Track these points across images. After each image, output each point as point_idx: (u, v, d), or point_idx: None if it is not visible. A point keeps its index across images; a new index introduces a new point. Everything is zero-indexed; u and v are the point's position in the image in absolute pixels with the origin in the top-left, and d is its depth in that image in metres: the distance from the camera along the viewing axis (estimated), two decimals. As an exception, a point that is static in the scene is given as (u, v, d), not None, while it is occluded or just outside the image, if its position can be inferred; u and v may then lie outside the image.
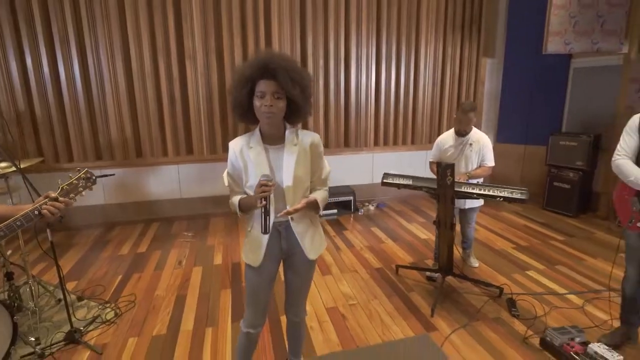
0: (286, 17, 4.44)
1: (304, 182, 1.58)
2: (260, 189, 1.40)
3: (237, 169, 1.58)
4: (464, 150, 2.97)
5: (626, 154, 2.06)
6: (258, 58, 1.44)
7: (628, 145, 2.07)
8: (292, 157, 1.54)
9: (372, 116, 5.06)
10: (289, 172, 1.53)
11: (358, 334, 2.46)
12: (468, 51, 5.14)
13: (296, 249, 1.64)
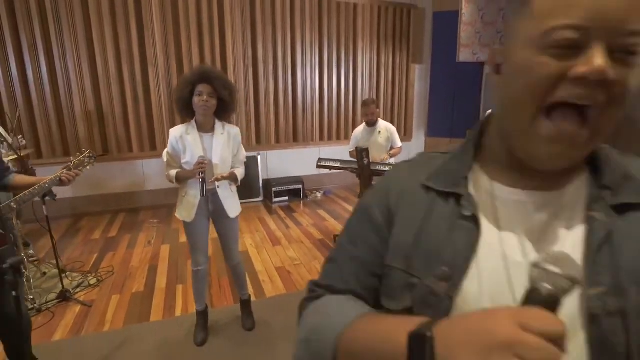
0: (238, 26, 5.10)
1: (228, 160, 2.32)
2: (198, 165, 2.13)
3: (176, 150, 2.27)
4: (376, 138, 3.78)
5: None
6: (200, 68, 2.21)
7: None
8: (220, 142, 2.27)
9: (317, 114, 5.83)
10: (217, 153, 2.26)
11: (300, 282, 3.20)
12: (399, 58, 6.06)
13: (221, 210, 2.33)
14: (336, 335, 0.51)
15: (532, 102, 0.47)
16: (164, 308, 2.83)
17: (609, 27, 0.42)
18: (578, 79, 0.43)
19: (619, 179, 0.52)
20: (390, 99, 6.22)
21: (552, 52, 0.44)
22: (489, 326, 0.37)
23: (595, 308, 0.46)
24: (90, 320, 2.66)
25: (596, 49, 0.42)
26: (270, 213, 5.13)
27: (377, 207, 0.61)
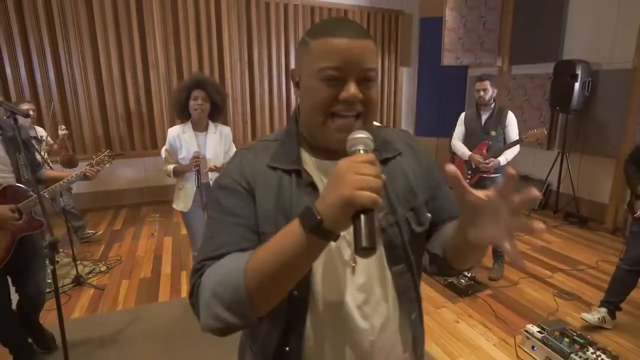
0: (234, 30, 5.40)
1: (220, 156, 2.65)
2: (193, 159, 2.47)
3: (174, 147, 2.59)
4: None
5: (457, 137, 3.30)
6: (195, 76, 2.60)
7: (457, 132, 3.31)
8: (213, 140, 2.62)
9: (311, 115, 6.14)
10: (210, 149, 2.61)
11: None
12: (388, 61, 6.39)
13: None
14: (242, 270, 0.61)
15: (320, 112, 0.71)
16: (170, 291, 3.11)
17: (355, 67, 0.68)
18: (343, 100, 0.69)
19: (381, 144, 0.80)
20: (381, 100, 6.54)
21: (325, 82, 0.69)
22: (336, 172, 0.58)
23: (382, 222, 0.75)
24: (104, 302, 2.94)
25: (350, 82, 0.68)
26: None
27: (239, 184, 0.75)
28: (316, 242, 0.57)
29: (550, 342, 2.22)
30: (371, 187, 0.54)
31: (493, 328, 2.58)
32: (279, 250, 0.60)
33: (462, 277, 3.06)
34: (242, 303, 0.61)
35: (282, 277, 0.61)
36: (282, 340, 0.75)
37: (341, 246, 0.75)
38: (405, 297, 0.80)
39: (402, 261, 0.78)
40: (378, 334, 0.77)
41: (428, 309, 2.80)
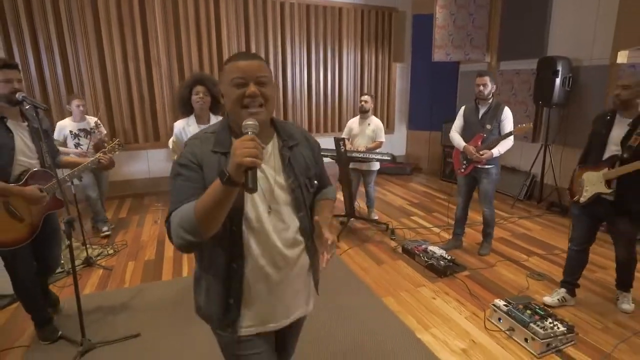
0: (233, 28, 5.59)
1: None
2: None
3: (180, 139, 2.81)
4: (365, 129, 4.29)
5: (455, 129, 3.51)
6: (196, 74, 2.90)
7: (455, 124, 3.52)
8: None
9: (306, 109, 6.34)
10: None
11: (288, 252, 3.73)
12: (382, 57, 6.58)
13: None
14: (193, 208, 1.01)
15: (238, 106, 1.10)
16: (173, 271, 3.35)
17: (252, 76, 1.09)
18: (248, 95, 1.08)
19: (286, 134, 1.24)
20: (374, 95, 6.73)
21: (235, 87, 1.09)
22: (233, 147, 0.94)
23: (291, 185, 1.20)
24: (112, 280, 3.18)
25: (251, 84, 1.09)
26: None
27: (192, 162, 1.12)
28: (228, 189, 0.95)
29: (513, 313, 2.45)
30: (251, 154, 0.91)
31: (466, 304, 2.81)
32: (210, 195, 0.99)
33: (442, 260, 3.29)
34: (194, 226, 1.00)
35: (213, 211, 0.99)
36: (229, 261, 1.15)
37: (261, 200, 1.15)
38: (303, 231, 1.23)
39: (303, 210, 1.23)
40: (289, 251, 1.20)
41: (408, 287, 3.04)
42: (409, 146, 7.36)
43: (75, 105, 3.98)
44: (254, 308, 1.20)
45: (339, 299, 2.85)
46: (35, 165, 2.22)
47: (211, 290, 1.20)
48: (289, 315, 1.27)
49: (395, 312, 2.70)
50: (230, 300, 1.17)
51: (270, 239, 1.16)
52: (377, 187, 6.05)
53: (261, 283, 1.18)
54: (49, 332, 2.42)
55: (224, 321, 1.20)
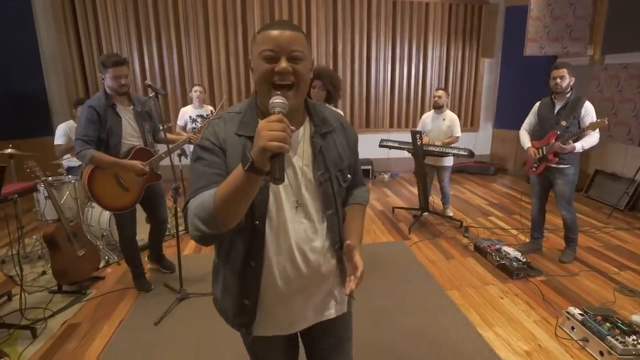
0: (322, 26, 5.78)
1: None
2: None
3: None
4: (440, 124, 4.17)
5: (525, 127, 3.26)
6: (316, 68, 2.88)
7: (526, 122, 3.26)
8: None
9: (388, 104, 6.31)
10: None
11: (358, 239, 3.82)
12: (469, 52, 6.23)
13: None
14: (212, 197, 0.85)
15: (266, 82, 0.92)
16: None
17: (285, 49, 0.90)
18: (278, 72, 0.90)
19: (320, 119, 1.05)
20: (459, 91, 6.43)
21: (264, 60, 0.91)
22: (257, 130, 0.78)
23: (320, 179, 1.02)
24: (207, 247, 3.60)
25: (282, 59, 0.90)
26: (341, 188, 5.80)
27: (214, 144, 0.96)
28: (251, 177, 0.80)
29: (589, 323, 2.24)
30: (277, 138, 0.75)
31: (537, 308, 2.62)
32: (232, 183, 0.83)
33: (515, 261, 3.10)
34: (212, 217, 0.85)
35: (234, 201, 0.84)
36: (247, 258, 1.00)
37: (287, 193, 0.99)
38: (332, 232, 1.07)
39: (332, 207, 1.05)
40: (313, 252, 1.03)
41: (475, 284, 2.93)
42: (494, 146, 6.89)
43: (193, 92, 4.40)
44: (270, 312, 1.06)
45: (403, 286, 2.87)
46: (138, 143, 2.61)
47: (227, 286, 1.07)
48: (310, 320, 1.12)
49: (458, 305, 2.64)
50: (246, 300, 1.04)
51: (294, 238, 1.00)
52: (456, 185, 5.82)
53: (280, 285, 1.02)
54: (143, 284, 2.84)
55: (238, 321, 1.08)
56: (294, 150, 1.00)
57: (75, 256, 2.75)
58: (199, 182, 0.93)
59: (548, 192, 3.31)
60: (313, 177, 1.01)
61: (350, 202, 1.17)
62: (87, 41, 5.41)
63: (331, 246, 1.07)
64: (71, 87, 5.50)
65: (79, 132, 2.43)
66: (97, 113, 2.39)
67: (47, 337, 2.29)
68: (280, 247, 1.00)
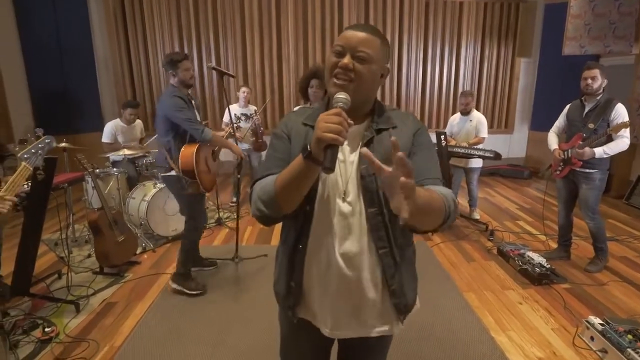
0: (355, 28, 5.81)
1: None
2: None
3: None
4: (467, 126, 4.08)
5: (554, 129, 3.13)
6: (313, 67, 3.04)
7: (556, 124, 3.13)
8: None
9: (419, 105, 6.22)
10: None
11: (380, 237, 3.83)
12: (504, 52, 6.00)
13: None
14: (273, 182, 0.93)
15: (329, 73, 0.96)
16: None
17: (352, 48, 0.93)
18: (341, 67, 0.93)
19: (382, 118, 1.03)
20: (492, 92, 6.22)
21: (334, 54, 0.95)
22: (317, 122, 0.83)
23: (363, 173, 0.98)
24: (233, 238, 3.76)
25: (347, 55, 0.93)
26: (368, 187, 5.81)
27: (283, 132, 1.05)
28: (308, 165, 0.85)
29: (609, 334, 2.14)
30: (332, 130, 0.80)
31: (557, 316, 2.53)
32: (292, 170, 0.90)
33: (538, 267, 3.00)
34: (272, 201, 0.92)
35: (292, 187, 0.90)
36: (297, 241, 1.04)
37: (337, 184, 1.00)
38: (375, 233, 0.99)
39: (375, 205, 0.99)
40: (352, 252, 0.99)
41: (494, 288, 2.87)
42: (529, 148, 6.61)
43: (241, 92, 4.60)
44: (309, 300, 1.07)
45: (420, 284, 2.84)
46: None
47: (281, 266, 1.11)
48: (341, 328, 1.05)
49: (473, 307, 2.61)
50: (292, 283, 1.06)
51: (333, 232, 0.99)
52: (487, 188, 5.66)
53: (321, 275, 1.02)
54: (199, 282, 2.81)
55: (286, 302, 1.10)
56: (350, 145, 1.01)
57: (115, 241, 3.00)
58: (266, 165, 1.02)
59: (575, 197, 3.16)
60: (356, 171, 0.99)
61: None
62: (135, 45, 5.78)
63: (375, 250, 1.00)
64: (120, 87, 5.91)
65: (182, 119, 2.53)
66: (184, 100, 2.56)
67: (88, 312, 2.53)
68: (323, 234, 1.00)
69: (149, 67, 5.92)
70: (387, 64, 1.02)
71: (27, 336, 2.23)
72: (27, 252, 2.38)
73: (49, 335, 2.24)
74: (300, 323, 1.10)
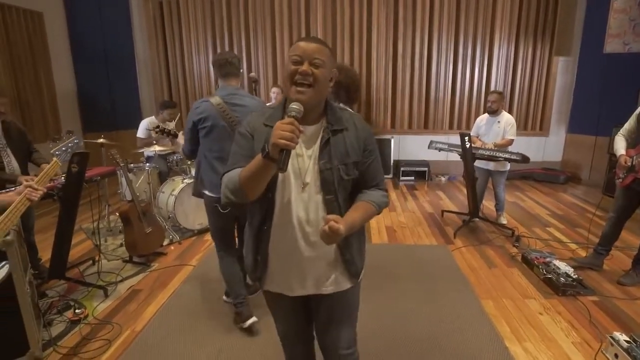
0: (382, 27, 5.73)
1: None
2: None
3: None
4: (495, 127, 3.91)
5: (622, 132, 2.85)
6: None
7: (624, 127, 2.84)
8: None
9: (448, 105, 6.04)
10: None
11: (401, 239, 3.77)
12: (540, 50, 5.69)
13: None
14: (238, 174, 1.11)
15: (289, 80, 1.10)
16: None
17: (309, 56, 1.09)
18: (300, 73, 1.08)
19: (335, 119, 1.20)
20: (527, 93, 5.92)
21: (292, 63, 1.10)
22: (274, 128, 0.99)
23: (322, 167, 1.16)
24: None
25: (305, 63, 1.08)
26: (395, 188, 5.73)
27: (247, 132, 1.20)
28: (266, 162, 1.02)
29: (634, 352, 1.99)
30: (286, 137, 0.96)
31: (580, 329, 2.38)
32: (253, 165, 1.06)
33: (564, 276, 2.83)
34: (238, 190, 1.11)
35: (254, 179, 1.07)
36: (261, 223, 1.22)
37: (295, 175, 1.17)
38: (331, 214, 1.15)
39: (332, 193, 1.18)
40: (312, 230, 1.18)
41: (514, 296, 2.74)
42: (567, 152, 6.23)
43: (272, 92, 4.79)
44: (274, 270, 1.26)
45: (435, 289, 2.80)
46: None
47: (248, 244, 1.30)
48: (308, 289, 1.26)
49: (489, 315, 2.51)
50: (258, 257, 1.25)
51: (297, 214, 1.16)
52: (518, 192, 5.41)
53: (282, 250, 1.21)
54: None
55: (254, 274, 1.31)
56: (307, 141, 1.18)
57: (143, 232, 3.15)
58: (232, 160, 1.19)
59: (634, 209, 2.89)
60: (318, 165, 1.16)
61: (360, 199, 1.24)
62: (172, 47, 6.04)
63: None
64: (157, 87, 6.19)
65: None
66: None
67: (115, 297, 2.68)
68: (285, 218, 1.18)
69: (184, 68, 6.15)
70: (334, 69, 1.18)
71: (60, 316, 2.41)
72: (62, 238, 2.56)
73: (78, 316, 2.40)
74: (271, 293, 1.31)
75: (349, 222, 1.11)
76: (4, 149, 2.63)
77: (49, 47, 5.07)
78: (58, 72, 5.23)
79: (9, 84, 4.53)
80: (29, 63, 4.81)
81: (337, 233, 1.03)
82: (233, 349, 2.16)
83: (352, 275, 1.29)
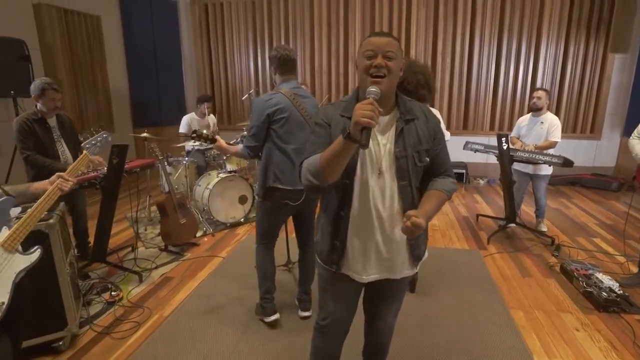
0: (422, 23, 5.54)
1: None
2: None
3: None
4: (537, 128, 3.64)
5: (637, 134, 2.62)
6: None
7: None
8: None
9: (490, 105, 5.73)
10: None
11: (430, 241, 3.59)
12: (593, 48, 5.23)
13: None
14: (319, 158, 1.16)
15: (364, 74, 1.18)
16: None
17: (381, 50, 1.16)
18: (374, 66, 1.15)
19: (406, 109, 1.27)
20: (577, 94, 5.47)
21: (366, 58, 1.17)
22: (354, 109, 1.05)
23: (397, 155, 1.23)
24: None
25: (378, 56, 1.16)
26: (428, 189, 5.54)
27: (324, 121, 1.27)
28: (347, 143, 1.07)
29: (683, 381, 1.77)
30: (367, 115, 1.01)
31: (622, 350, 2.15)
32: (333, 147, 1.12)
33: (607, 291, 2.58)
34: (318, 172, 1.16)
35: (334, 161, 1.12)
36: (339, 208, 1.29)
37: (372, 162, 1.23)
38: (405, 202, 1.27)
39: (406, 179, 1.25)
40: (386, 215, 1.26)
41: (548, 309, 2.54)
42: (621, 157, 5.70)
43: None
44: (352, 254, 1.31)
45: (463, 296, 2.66)
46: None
47: (324, 230, 1.35)
48: (381, 273, 1.33)
49: (519, 326, 2.34)
50: (337, 241, 1.31)
51: (373, 199, 1.24)
52: (563, 199, 5.04)
53: (360, 234, 1.28)
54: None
55: (330, 258, 1.34)
56: (382, 131, 1.25)
57: (178, 223, 3.28)
58: (311, 147, 1.24)
59: None
60: (393, 152, 1.23)
61: (431, 187, 1.30)
62: (215, 48, 6.24)
63: (402, 212, 1.25)
64: (201, 85, 6.42)
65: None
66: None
67: (148, 283, 2.81)
68: (362, 203, 1.25)
69: (226, 67, 6.34)
70: (403, 59, 1.24)
71: (98, 297, 2.57)
72: (103, 225, 2.72)
73: (114, 298, 2.54)
74: (339, 274, 1.35)
75: (427, 214, 1.20)
76: (59, 140, 2.84)
77: (105, 49, 5.43)
78: (112, 71, 5.58)
79: (70, 82, 4.89)
80: (87, 63, 5.17)
81: (420, 227, 1.10)
82: (249, 340, 2.18)
83: (415, 259, 1.37)
